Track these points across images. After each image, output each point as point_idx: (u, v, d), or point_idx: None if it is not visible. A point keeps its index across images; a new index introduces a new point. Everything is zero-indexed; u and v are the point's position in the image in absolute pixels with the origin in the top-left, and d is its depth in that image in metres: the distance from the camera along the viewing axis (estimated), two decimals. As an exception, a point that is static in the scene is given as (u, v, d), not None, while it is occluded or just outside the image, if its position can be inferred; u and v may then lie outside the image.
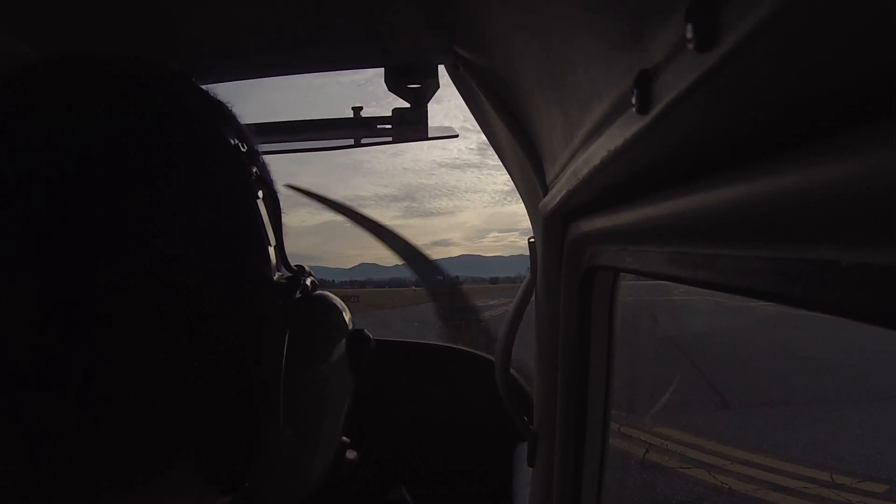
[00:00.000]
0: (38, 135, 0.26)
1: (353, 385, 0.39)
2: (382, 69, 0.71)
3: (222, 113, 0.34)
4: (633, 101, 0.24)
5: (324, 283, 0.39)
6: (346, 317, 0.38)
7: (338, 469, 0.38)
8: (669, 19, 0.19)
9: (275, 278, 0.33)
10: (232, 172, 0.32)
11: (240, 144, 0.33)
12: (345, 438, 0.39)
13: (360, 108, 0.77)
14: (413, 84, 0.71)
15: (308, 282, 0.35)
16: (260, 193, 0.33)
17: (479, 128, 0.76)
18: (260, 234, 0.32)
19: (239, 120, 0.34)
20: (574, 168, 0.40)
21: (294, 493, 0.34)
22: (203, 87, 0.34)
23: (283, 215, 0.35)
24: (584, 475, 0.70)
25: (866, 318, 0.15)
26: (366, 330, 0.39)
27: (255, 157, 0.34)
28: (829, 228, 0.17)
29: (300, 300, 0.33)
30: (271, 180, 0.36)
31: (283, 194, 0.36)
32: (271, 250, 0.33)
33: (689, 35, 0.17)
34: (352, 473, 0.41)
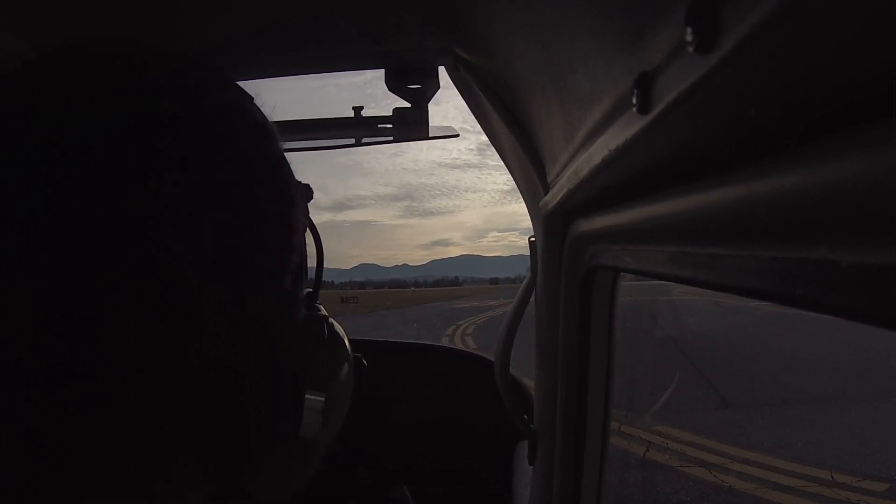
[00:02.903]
0: (37, 132, 0.26)
1: (348, 403, 0.39)
2: (381, 72, 0.71)
3: (242, 109, 0.32)
4: (634, 101, 0.24)
5: (323, 285, 0.39)
6: (346, 341, 0.39)
7: (332, 458, 0.39)
8: (669, 21, 0.19)
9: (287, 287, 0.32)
10: (261, 173, 0.31)
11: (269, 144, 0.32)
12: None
13: (361, 107, 0.77)
14: (413, 84, 0.71)
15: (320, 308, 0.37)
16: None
17: (478, 128, 0.76)
18: (277, 241, 0.31)
19: (264, 113, 0.33)
20: (575, 167, 0.40)
21: (289, 485, 0.35)
22: None
23: None
24: (585, 474, 0.70)
25: (866, 319, 0.15)
26: (363, 359, 0.41)
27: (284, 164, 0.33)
28: (829, 228, 0.17)
29: (307, 318, 0.34)
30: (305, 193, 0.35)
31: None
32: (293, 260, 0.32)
33: (689, 38, 0.17)
34: (353, 471, 0.41)
